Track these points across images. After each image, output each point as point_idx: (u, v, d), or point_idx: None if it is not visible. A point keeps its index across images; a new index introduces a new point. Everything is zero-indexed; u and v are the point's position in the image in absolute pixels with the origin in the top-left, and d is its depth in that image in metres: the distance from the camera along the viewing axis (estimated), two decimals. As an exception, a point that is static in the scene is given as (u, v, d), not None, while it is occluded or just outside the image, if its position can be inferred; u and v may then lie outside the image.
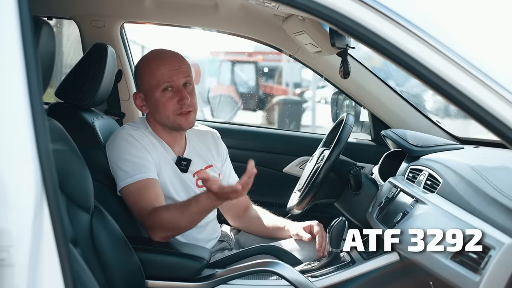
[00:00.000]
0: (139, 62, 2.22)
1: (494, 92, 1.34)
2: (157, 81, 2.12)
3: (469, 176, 1.80)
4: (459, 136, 2.81)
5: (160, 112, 2.14)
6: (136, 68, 2.24)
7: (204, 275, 1.96)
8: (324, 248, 2.16)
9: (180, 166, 2.19)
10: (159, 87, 2.12)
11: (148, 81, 2.15)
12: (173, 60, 2.16)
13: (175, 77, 2.13)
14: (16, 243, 1.13)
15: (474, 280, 1.44)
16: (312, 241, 2.39)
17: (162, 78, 2.12)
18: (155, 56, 2.20)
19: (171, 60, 2.16)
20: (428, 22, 1.39)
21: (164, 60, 2.16)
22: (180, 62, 2.17)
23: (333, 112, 3.21)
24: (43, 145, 1.17)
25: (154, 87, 2.13)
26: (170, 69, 2.13)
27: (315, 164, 2.50)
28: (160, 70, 2.13)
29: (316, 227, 2.21)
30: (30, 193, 1.14)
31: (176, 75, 2.13)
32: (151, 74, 2.13)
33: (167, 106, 2.13)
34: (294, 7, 1.41)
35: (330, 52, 2.44)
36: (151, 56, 2.21)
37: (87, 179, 1.69)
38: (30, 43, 1.18)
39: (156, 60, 2.16)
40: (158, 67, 2.13)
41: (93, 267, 1.68)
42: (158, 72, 2.13)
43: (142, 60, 2.21)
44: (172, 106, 2.13)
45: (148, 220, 1.99)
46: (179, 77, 2.14)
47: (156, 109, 2.15)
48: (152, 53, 2.23)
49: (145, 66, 2.17)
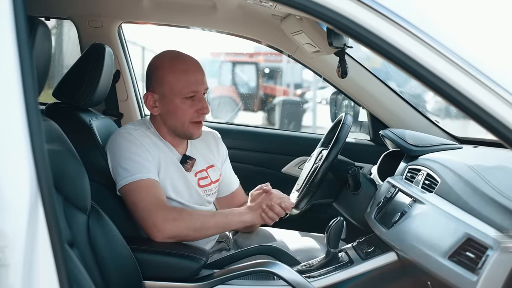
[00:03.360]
0: (158, 63, 2.16)
1: (493, 93, 1.34)
2: (182, 88, 2.10)
3: (467, 175, 1.80)
4: (458, 136, 2.80)
5: (177, 118, 2.13)
6: (154, 68, 2.17)
7: (202, 275, 1.96)
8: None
9: (185, 164, 2.19)
10: (182, 94, 2.10)
11: (171, 85, 2.11)
12: (198, 68, 2.15)
13: (200, 87, 2.12)
14: (11, 243, 1.13)
15: (472, 280, 1.44)
16: (311, 241, 2.40)
17: (189, 86, 2.10)
18: (180, 61, 2.15)
19: (197, 69, 2.14)
20: (426, 22, 1.38)
21: (190, 67, 2.13)
22: (202, 71, 2.16)
23: (332, 112, 3.21)
24: (38, 145, 1.16)
25: (177, 92, 2.10)
26: (196, 78, 2.12)
27: (314, 164, 2.49)
28: (187, 77, 2.10)
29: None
30: (25, 193, 1.14)
31: (201, 85, 2.13)
32: (175, 79, 2.10)
33: (186, 113, 2.12)
34: (292, 7, 1.40)
35: (327, 52, 2.43)
36: (175, 60, 2.15)
37: (83, 179, 1.69)
38: (25, 43, 1.17)
39: (181, 65, 2.12)
40: (185, 74, 2.11)
41: (90, 267, 1.68)
42: (184, 79, 2.10)
43: (163, 61, 2.15)
44: (191, 114, 2.12)
45: (150, 219, 1.98)
46: (202, 88, 2.14)
47: (172, 114, 2.13)
48: (174, 56, 2.17)
49: (168, 69, 2.12)
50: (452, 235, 1.59)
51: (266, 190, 2.17)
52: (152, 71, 2.17)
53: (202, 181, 2.25)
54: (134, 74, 3.13)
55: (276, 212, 2.07)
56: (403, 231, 1.88)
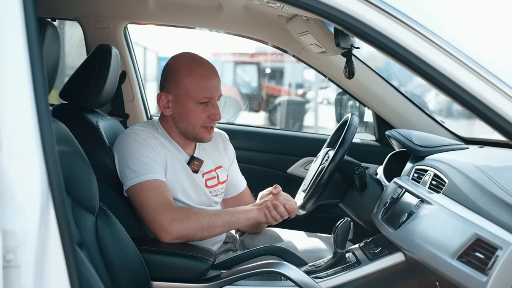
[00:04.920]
0: (177, 65, 2.15)
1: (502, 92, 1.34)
2: (197, 93, 2.10)
3: (474, 176, 1.80)
4: (464, 136, 2.80)
5: (189, 121, 2.13)
6: (171, 69, 2.16)
7: (209, 276, 1.96)
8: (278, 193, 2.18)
9: (193, 165, 2.19)
10: (197, 98, 2.10)
11: (187, 88, 2.10)
12: (215, 74, 2.15)
13: (215, 93, 2.13)
14: (23, 244, 1.13)
15: (481, 281, 1.44)
16: (318, 242, 2.40)
17: (206, 91, 2.10)
18: (199, 65, 2.14)
19: (214, 75, 2.15)
20: (434, 21, 1.39)
21: (208, 72, 2.13)
22: (218, 77, 2.17)
23: (337, 112, 3.21)
24: (49, 147, 1.16)
25: (192, 96, 2.10)
26: (213, 84, 2.12)
27: (320, 165, 2.50)
28: (205, 82, 2.10)
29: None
30: (36, 195, 1.14)
31: (216, 91, 2.13)
32: (192, 82, 2.10)
33: (199, 117, 2.12)
34: (300, 7, 1.40)
35: (334, 53, 2.43)
36: (193, 63, 2.15)
37: (92, 180, 1.69)
38: (36, 44, 1.18)
39: (200, 70, 2.12)
40: (203, 79, 2.11)
41: (98, 268, 1.68)
42: (202, 84, 2.10)
43: (181, 64, 2.15)
44: (203, 119, 2.13)
45: (157, 220, 1.98)
46: (217, 93, 2.14)
47: (184, 117, 2.13)
48: (193, 60, 2.16)
49: (186, 72, 2.11)
50: (460, 236, 1.59)
51: (274, 192, 2.17)
52: (169, 72, 2.16)
53: (209, 181, 2.26)
54: (140, 75, 3.13)
55: (279, 212, 2.06)
56: (411, 232, 1.88)
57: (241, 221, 2.08)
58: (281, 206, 2.07)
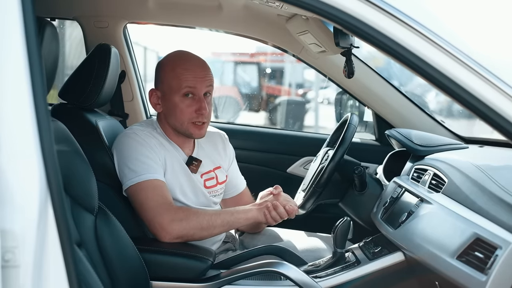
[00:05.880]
0: (163, 61, 2.19)
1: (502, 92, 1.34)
2: (179, 85, 2.10)
3: (474, 175, 1.79)
4: (464, 136, 2.80)
5: (175, 116, 2.13)
6: (158, 66, 2.19)
7: (208, 275, 1.96)
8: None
9: (191, 165, 2.19)
10: (180, 91, 2.10)
11: (169, 82, 2.12)
12: (200, 67, 2.14)
13: (199, 85, 2.11)
14: (21, 244, 1.13)
15: (481, 280, 1.44)
16: (317, 241, 2.39)
17: (186, 83, 2.10)
18: (182, 59, 2.16)
19: (198, 67, 2.14)
20: (435, 21, 1.38)
21: (191, 65, 2.13)
22: (206, 71, 2.16)
23: (337, 112, 3.21)
24: (47, 146, 1.16)
25: (175, 89, 2.11)
26: (195, 76, 2.11)
27: (320, 164, 2.49)
28: (185, 75, 2.10)
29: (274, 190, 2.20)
30: (35, 194, 1.14)
31: (200, 83, 2.11)
32: (174, 76, 2.11)
33: (184, 112, 2.11)
34: (299, 7, 1.40)
35: (334, 52, 2.43)
36: (178, 57, 2.17)
37: (91, 180, 1.69)
38: (34, 44, 1.17)
39: (182, 63, 2.13)
40: (183, 71, 2.11)
41: (97, 268, 1.68)
42: (182, 77, 2.10)
43: (167, 59, 2.18)
44: (190, 114, 2.12)
45: (156, 220, 1.98)
46: (202, 86, 2.12)
47: (171, 112, 2.14)
48: (179, 55, 2.19)
49: (169, 67, 2.14)
50: (460, 235, 1.59)
51: (275, 193, 2.17)
52: (158, 69, 2.19)
53: (208, 182, 2.25)
54: (140, 74, 3.13)
55: (279, 212, 2.06)
56: (411, 231, 1.87)
57: (240, 221, 2.07)
58: (281, 207, 2.07)
